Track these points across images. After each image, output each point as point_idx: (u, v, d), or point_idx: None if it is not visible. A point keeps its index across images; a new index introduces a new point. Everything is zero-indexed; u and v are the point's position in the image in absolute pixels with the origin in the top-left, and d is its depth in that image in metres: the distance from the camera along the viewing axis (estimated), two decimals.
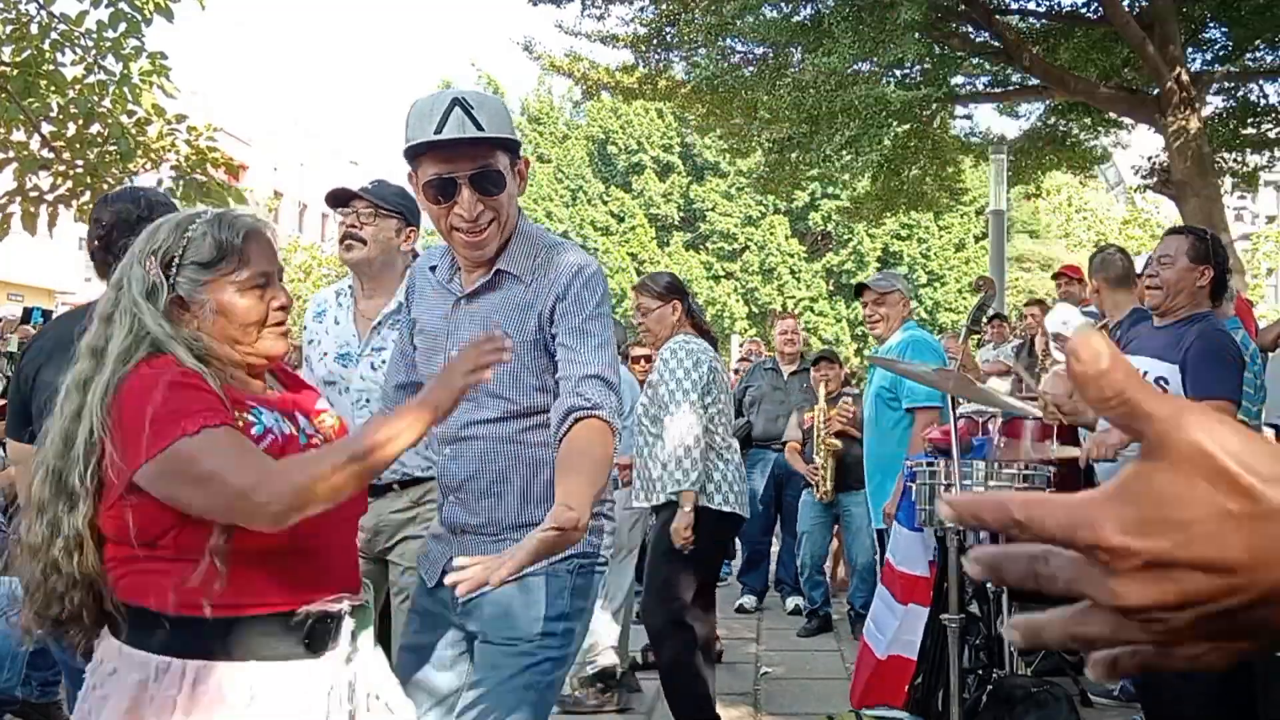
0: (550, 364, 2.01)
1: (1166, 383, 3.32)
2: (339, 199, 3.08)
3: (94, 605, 1.59)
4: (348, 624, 1.68)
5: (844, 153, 10.82)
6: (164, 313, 1.63)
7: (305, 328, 3.28)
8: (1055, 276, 7.29)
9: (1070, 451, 3.90)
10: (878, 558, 4.76)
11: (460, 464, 2.08)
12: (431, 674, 2.14)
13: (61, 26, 5.95)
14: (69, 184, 6.08)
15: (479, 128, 1.97)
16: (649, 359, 7.11)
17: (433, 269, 2.19)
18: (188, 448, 1.50)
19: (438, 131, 1.96)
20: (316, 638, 1.63)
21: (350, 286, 3.17)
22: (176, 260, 1.64)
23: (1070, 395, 3.35)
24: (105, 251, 2.64)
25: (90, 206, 6.09)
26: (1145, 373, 3.36)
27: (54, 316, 2.82)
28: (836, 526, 6.49)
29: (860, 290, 4.69)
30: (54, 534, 1.55)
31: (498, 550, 1.78)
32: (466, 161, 1.98)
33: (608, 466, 1.86)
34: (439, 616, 2.14)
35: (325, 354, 3.11)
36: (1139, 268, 4.22)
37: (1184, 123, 9.23)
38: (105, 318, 1.65)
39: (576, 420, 1.88)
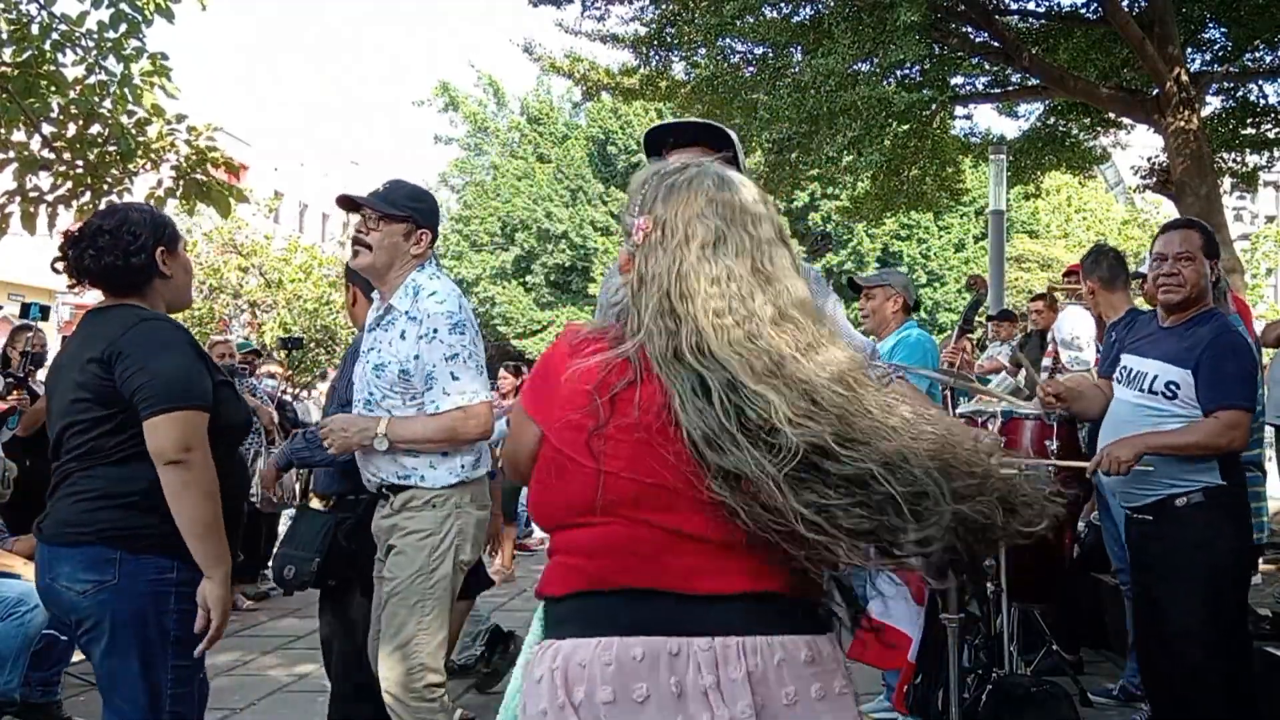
0: None
1: (1177, 387, 3.26)
2: (347, 205, 3.06)
3: None
4: None
5: (845, 153, 10.82)
6: None
7: None
8: (1066, 274, 7.36)
9: (1075, 464, 3.87)
10: None
11: None
12: None
13: (62, 27, 5.95)
14: (69, 184, 6.08)
15: None
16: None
17: None
18: None
19: None
20: None
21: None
22: None
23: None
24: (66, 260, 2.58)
25: (91, 206, 6.09)
26: (1155, 376, 3.32)
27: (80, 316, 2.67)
28: None
29: (855, 288, 4.71)
30: None
31: None
32: None
33: None
34: None
35: None
36: (1143, 267, 4.19)
37: (1183, 123, 9.22)
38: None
39: None
